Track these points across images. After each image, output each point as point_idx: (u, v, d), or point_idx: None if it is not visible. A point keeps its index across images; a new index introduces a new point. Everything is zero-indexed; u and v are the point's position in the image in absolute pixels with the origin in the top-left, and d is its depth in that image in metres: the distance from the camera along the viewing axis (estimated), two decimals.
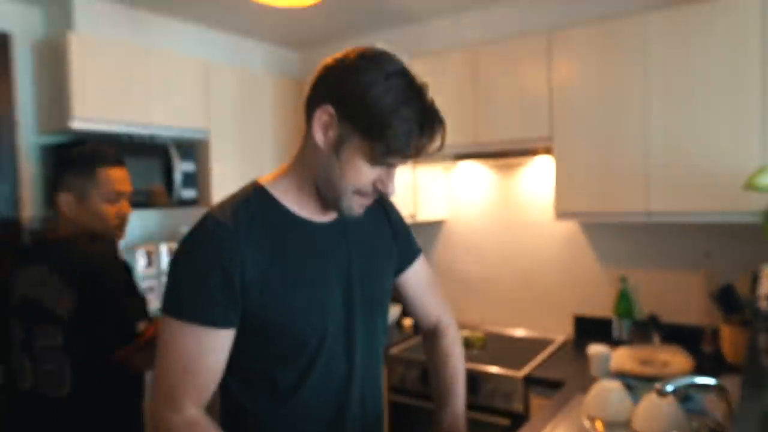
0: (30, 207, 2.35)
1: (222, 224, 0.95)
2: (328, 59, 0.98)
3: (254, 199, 1.01)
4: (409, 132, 0.91)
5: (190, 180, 2.50)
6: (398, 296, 1.28)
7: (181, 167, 2.46)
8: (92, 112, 2.21)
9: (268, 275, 0.96)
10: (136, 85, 2.35)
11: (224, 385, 1.03)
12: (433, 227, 3.06)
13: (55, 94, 2.23)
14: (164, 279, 2.09)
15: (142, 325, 1.41)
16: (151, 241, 2.06)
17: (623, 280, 2.44)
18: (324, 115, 0.93)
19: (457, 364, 1.27)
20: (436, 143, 0.96)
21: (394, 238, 1.22)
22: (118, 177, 1.56)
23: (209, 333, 0.93)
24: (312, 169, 1.00)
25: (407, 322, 2.90)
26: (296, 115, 3.10)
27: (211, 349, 0.94)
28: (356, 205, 1.00)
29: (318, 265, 1.03)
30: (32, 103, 2.36)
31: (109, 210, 1.54)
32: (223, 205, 0.99)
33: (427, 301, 1.29)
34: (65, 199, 1.52)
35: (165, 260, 2.09)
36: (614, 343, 2.35)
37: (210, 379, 0.96)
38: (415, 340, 2.68)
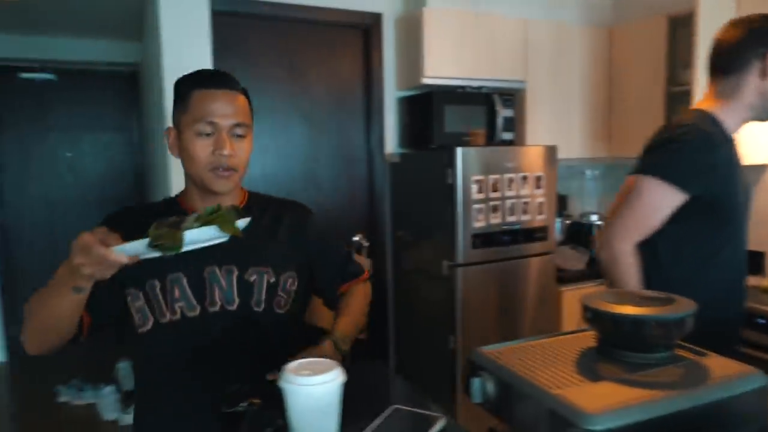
0: (391, 146, 3.12)
1: (703, 131, 1.39)
2: (739, 26, 1.43)
3: (708, 120, 1.43)
4: None
5: (509, 124, 2.94)
6: None
7: (503, 113, 2.91)
8: (437, 71, 2.79)
9: (723, 168, 1.39)
10: (468, 45, 2.85)
11: (655, 250, 1.42)
12: (754, 171, 2.88)
13: (412, 57, 2.88)
14: (491, 203, 2.59)
15: None
16: (479, 173, 2.56)
17: None
18: None
19: None
20: None
21: None
22: (216, 102, 1.16)
23: (673, 193, 1.35)
24: (749, 100, 1.42)
25: None
26: (604, 60, 3.23)
27: (667, 206, 1.37)
28: None
29: (737, 164, 1.46)
30: (393, 65, 3.08)
31: (201, 147, 1.16)
32: (694, 122, 1.43)
33: None
34: (170, 135, 1.22)
35: (490, 188, 2.58)
36: None
37: (649, 229, 1.39)
38: None
